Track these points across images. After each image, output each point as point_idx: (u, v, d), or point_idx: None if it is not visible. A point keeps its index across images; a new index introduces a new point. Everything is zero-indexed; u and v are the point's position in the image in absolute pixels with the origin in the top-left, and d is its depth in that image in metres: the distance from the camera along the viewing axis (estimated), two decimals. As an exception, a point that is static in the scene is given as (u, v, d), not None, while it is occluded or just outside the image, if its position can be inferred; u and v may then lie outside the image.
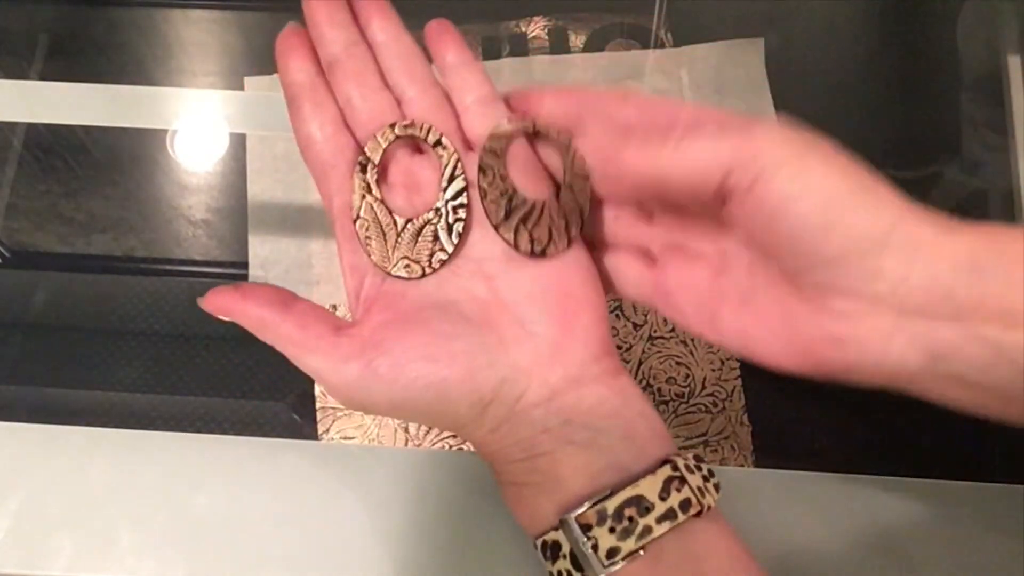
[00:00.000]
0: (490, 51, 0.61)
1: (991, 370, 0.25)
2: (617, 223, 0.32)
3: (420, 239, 0.31)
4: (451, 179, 0.31)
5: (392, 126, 0.31)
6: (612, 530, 0.26)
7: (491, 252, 0.31)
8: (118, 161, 0.56)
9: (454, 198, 0.31)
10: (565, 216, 0.31)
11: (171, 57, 0.58)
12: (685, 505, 0.27)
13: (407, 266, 0.30)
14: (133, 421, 0.45)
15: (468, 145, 0.32)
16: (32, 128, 0.56)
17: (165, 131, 0.55)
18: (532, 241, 0.31)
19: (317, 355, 0.29)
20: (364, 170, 0.31)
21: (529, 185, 0.32)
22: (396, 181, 0.32)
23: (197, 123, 0.50)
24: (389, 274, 0.30)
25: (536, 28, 0.62)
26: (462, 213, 0.31)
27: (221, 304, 0.30)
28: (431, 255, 0.31)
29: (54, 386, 0.49)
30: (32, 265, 0.53)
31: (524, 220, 0.31)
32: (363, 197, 0.31)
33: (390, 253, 0.31)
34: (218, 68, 0.58)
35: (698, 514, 0.27)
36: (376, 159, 0.31)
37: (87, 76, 0.56)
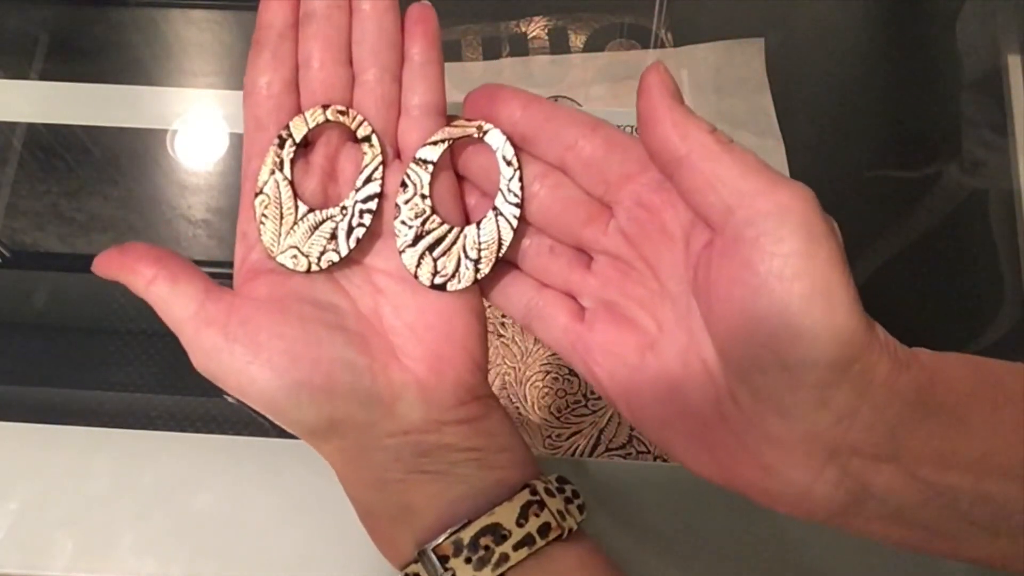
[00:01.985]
0: (490, 51, 0.61)
1: (920, 509, 0.23)
2: (552, 257, 0.29)
3: (317, 233, 0.29)
4: (367, 180, 0.29)
5: (325, 107, 0.30)
6: (468, 560, 0.26)
7: (387, 266, 0.30)
8: (118, 161, 0.56)
9: (364, 201, 0.29)
10: (479, 250, 0.29)
11: (171, 57, 0.58)
12: (544, 530, 0.26)
13: (294, 256, 0.29)
14: (133, 421, 0.45)
15: (398, 152, 0.30)
16: (32, 128, 0.56)
17: (165, 131, 0.55)
18: (435, 272, 0.29)
19: (182, 312, 0.28)
20: (281, 145, 0.29)
21: (453, 208, 0.30)
22: (317, 163, 0.30)
23: (197, 123, 0.50)
24: (273, 259, 0.29)
25: (536, 28, 0.62)
26: (367, 220, 0.29)
27: (105, 264, 0.29)
28: (322, 253, 0.29)
29: (54, 386, 0.49)
30: (32, 265, 0.53)
31: (432, 247, 0.29)
32: (272, 172, 0.29)
33: (281, 238, 0.29)
34: (218, 68, 0.58)
35: (559, 538, 0.27)
36: (297, 137, 0.30)
37: (87, 76, 0.56)
